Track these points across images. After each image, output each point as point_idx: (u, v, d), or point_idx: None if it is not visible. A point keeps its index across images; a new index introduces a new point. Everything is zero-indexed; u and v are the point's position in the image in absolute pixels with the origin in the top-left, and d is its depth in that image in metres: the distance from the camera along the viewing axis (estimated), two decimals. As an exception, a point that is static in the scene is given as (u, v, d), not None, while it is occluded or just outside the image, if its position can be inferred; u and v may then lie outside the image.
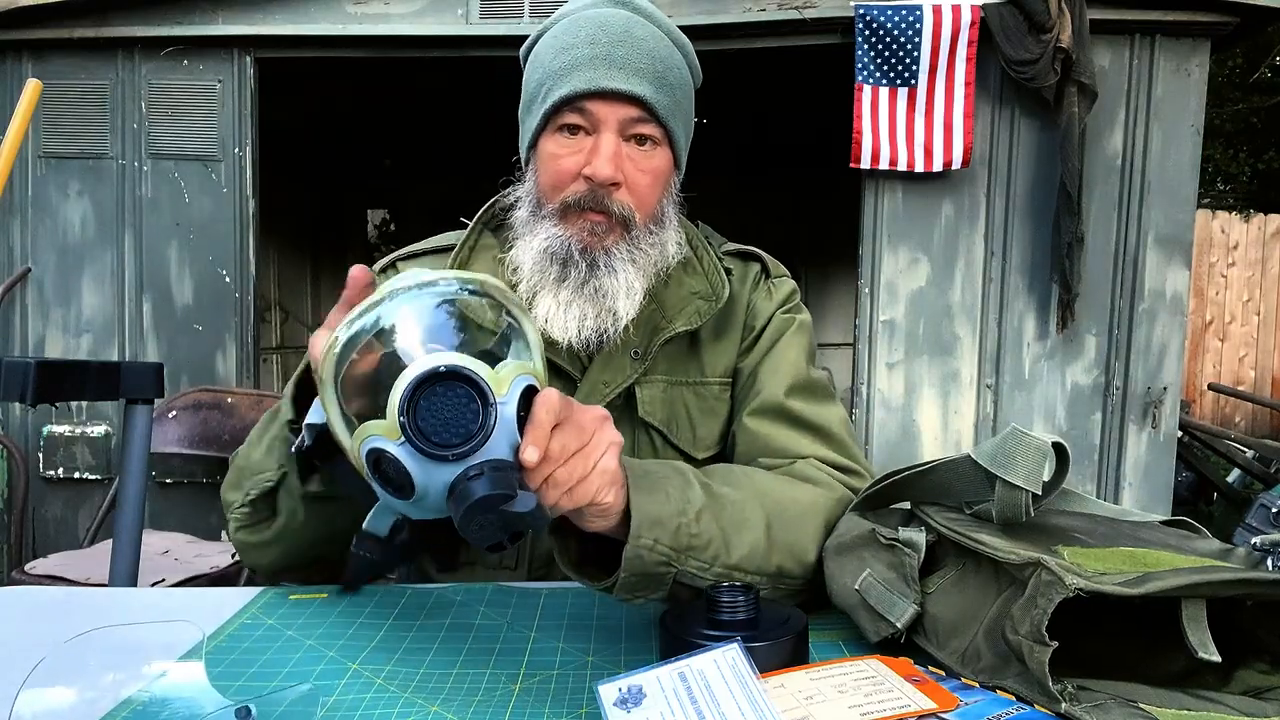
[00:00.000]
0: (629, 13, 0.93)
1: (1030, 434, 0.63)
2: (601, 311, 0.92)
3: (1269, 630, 0.61)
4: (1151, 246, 3.39)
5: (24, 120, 1.57)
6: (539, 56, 0.95)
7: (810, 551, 0.80)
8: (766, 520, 0.78)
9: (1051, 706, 0.54)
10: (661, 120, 0.92)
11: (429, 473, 0.57)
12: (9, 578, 2.43)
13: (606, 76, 0.88)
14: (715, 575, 0.73)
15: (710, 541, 0.74)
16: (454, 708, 0.62)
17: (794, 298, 1.07)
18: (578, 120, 0.91)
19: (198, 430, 2.84)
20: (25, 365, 1.24)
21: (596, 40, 0.90)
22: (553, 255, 0.92)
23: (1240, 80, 9.80)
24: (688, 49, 0.98)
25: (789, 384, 0.98)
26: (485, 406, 0.57)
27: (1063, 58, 3.13)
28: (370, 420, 0.58)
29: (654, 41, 0.92)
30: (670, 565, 0.71)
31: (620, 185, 0.91)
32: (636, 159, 0.92)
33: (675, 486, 0.74)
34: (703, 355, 1.02)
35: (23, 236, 3.53)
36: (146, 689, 0.64)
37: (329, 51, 3.48)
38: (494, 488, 0.57)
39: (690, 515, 0.73)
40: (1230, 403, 6.84)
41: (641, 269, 0.93)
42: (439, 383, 0.56)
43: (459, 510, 0.57)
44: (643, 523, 0.69)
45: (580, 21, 0.92)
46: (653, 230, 0.95)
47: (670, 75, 0.93)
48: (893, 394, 3.51)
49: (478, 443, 0.57)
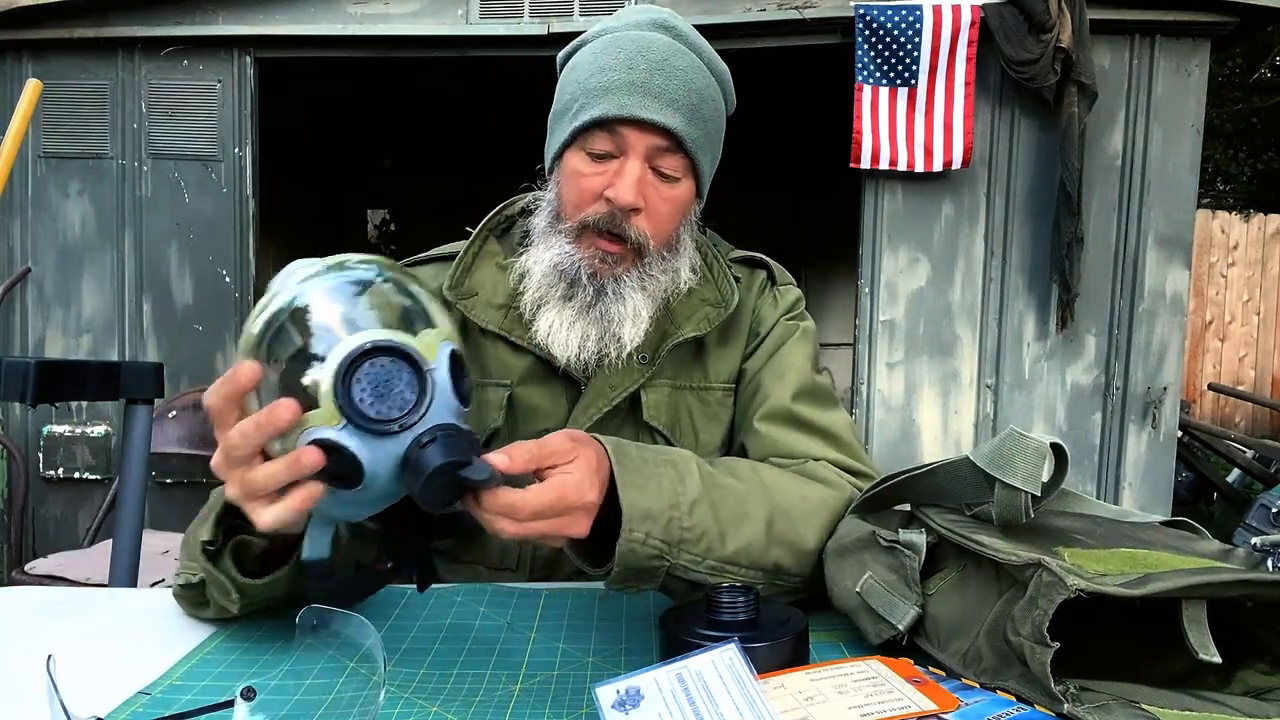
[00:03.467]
0: (670, 39, 0.93)
1: (1029, 435, 0.63)
2: (605, 335, 0.92)
3: (1269, 631, 0.61)
4: (1151, 246, 3.39)
5: (24, 120, 1.57)
6: (576, 69, 0.94)
7: (813, 550, 0.79)
8: (769, 515, 0.78)
9: (1053, 707, 0.54)
10: (690, 153, 0.91)
11: (376, 452, 0.56)
12: (9, 578, 2.43)
13: (640, 105, 0.88)
14: (709, 568, 0.73)
15: (704, 534, 0.73)
16: (454, 708, 0.62)
17: (799, 305, 1.07)
18: (606, 143, 0.90)
19: (198, 430, 2.84)
20: (25, 365, 1.24)
21: (635, 65, 0.89)
22: (562, 273, 0.92)
23: (1240, 80, 9.80)
24: (725, 77, 0.98)
25: (795, 389, 0.98)
26: (420, 374, 0.57)
27: (1063, 58, 3.13)
28: (305, 413, 0.57)
29: (692, 72, 0.92)
30: (663, 558, 0.71)
31: (640, 211, 0.91)
32: (660, 187, 0.92)
33: (669, 478, 0.74)
34: (708, 361, 1.02)
35: (23, 236, 3.54)
36: (147, 689, 0.64)
37: (329, 51, 3.48)
38: (449, 453, 0.56)
39: (684, 508, 0.73)
40: (1230, 403, 6.84)
41: (650, 295, 0.93)
42: (368, 359, 0.56)
43: (418, 482, 0.56)
44: (633, 516, 0.69)
45: (622, 42, 0.91)
46: (666, 257, 0.95)
47: (704, 108, 0.92)
48: (893, 394, 3.51)
49: (422, 410, 0.57)
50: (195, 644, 0.73)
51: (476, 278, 1.01)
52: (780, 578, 0.78)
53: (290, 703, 0.62)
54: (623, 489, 0.70)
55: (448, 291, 0.98)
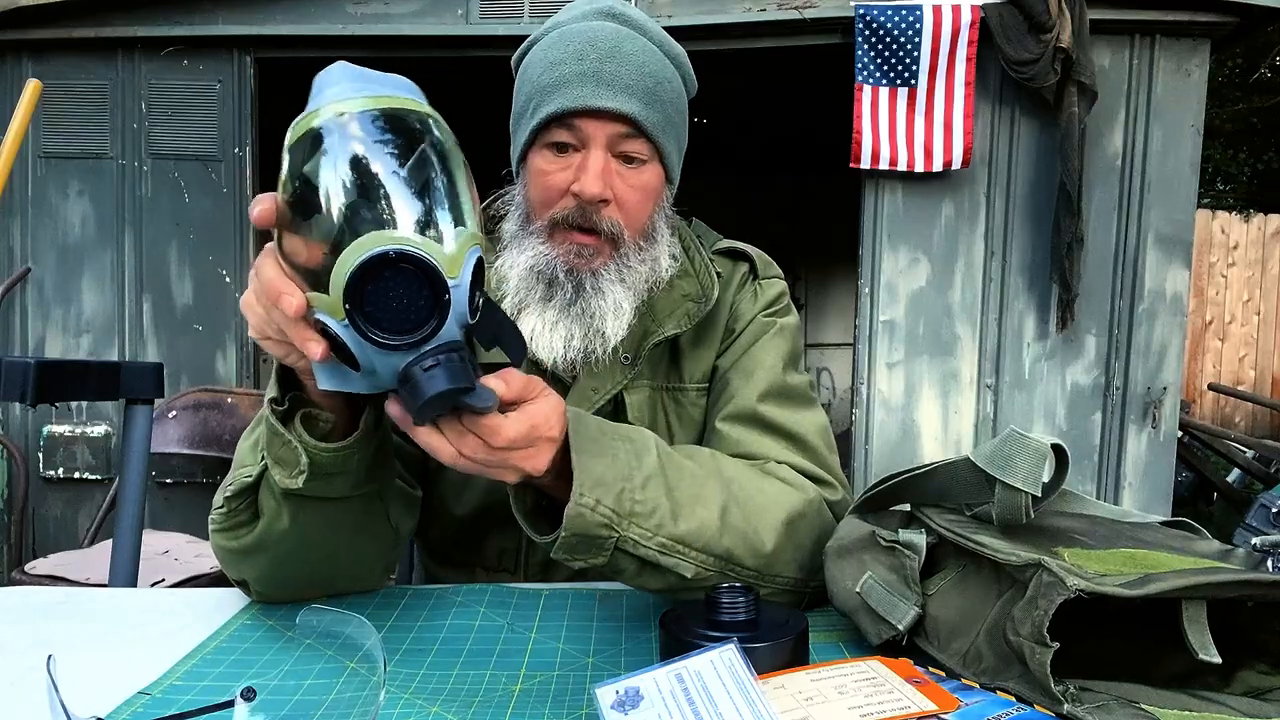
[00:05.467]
0: (618, 25, 0.92)
1: (1029, 436, 0.63)
2: (589, 332, 0.91)
3: (1269, 631, 0.61)
4: (1151, 246, 3.39)
5: (24, 120, 1.57)
6: (528, 69, 0.94)
7: (766, 543, 0.78)
8: (724, 501, 0.77)
9: (1053, 707, 0.54)
10: (651, 137, 0.91)
11: (377, 359, 0.54)
12: (9, 578, 2.43)
13: (594, 95, 0.87)
14: (659, 545, 0.72)
15: (656, 509, 0.72)
16: (454, 708, 0.62)
17: (781, 300, 1.04)
18: (566, 137, 0.90)
19: (198, 430, 2.84)
20: (25, 365, 1.24)
21: (585, 56, 0.88)
22: (539, 274, 0.91)
23: (1240, 80, 9.81)
24: (681, 59, 0.97)
25: (763, 389, 0.95)
26: (438, 295, 0.52)
27: (1063, 58, 3.13)
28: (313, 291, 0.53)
29: (644, 55, 0.91)
30: (612, 529, 0.70)
31: (609, 202, 0.90)
32: (626, 175, 0.91)
33: (625, 451, 0.73)
34: (683, 361, 1.01)
35: (23, 236, 3.54)
36: (148, 689, 0.64)
37: (329, 51, 3.47)
38: (452, 380, 0.53)
39: (636, 481, 0.72)
40: (1230, 403, 6.84)
41: (631, 287, 0.92)
42: (387, 268, 0.51)
43: (415, 402, 0.54)
44: (585, 482, 0.68)
45: (569, 35, 0.91)
46: (643, 246, 0.94)
47: (661, 90, 0.91)
48: (893, 394, 3.51)
49: (430, 331, 0.53)
50: (195, 644, 0.73)
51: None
52: (731, 567, 0.76)
53: (290, 703, 0.62)
54: (576, 454, 0.68)
55: None
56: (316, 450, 0.68)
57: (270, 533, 0.75)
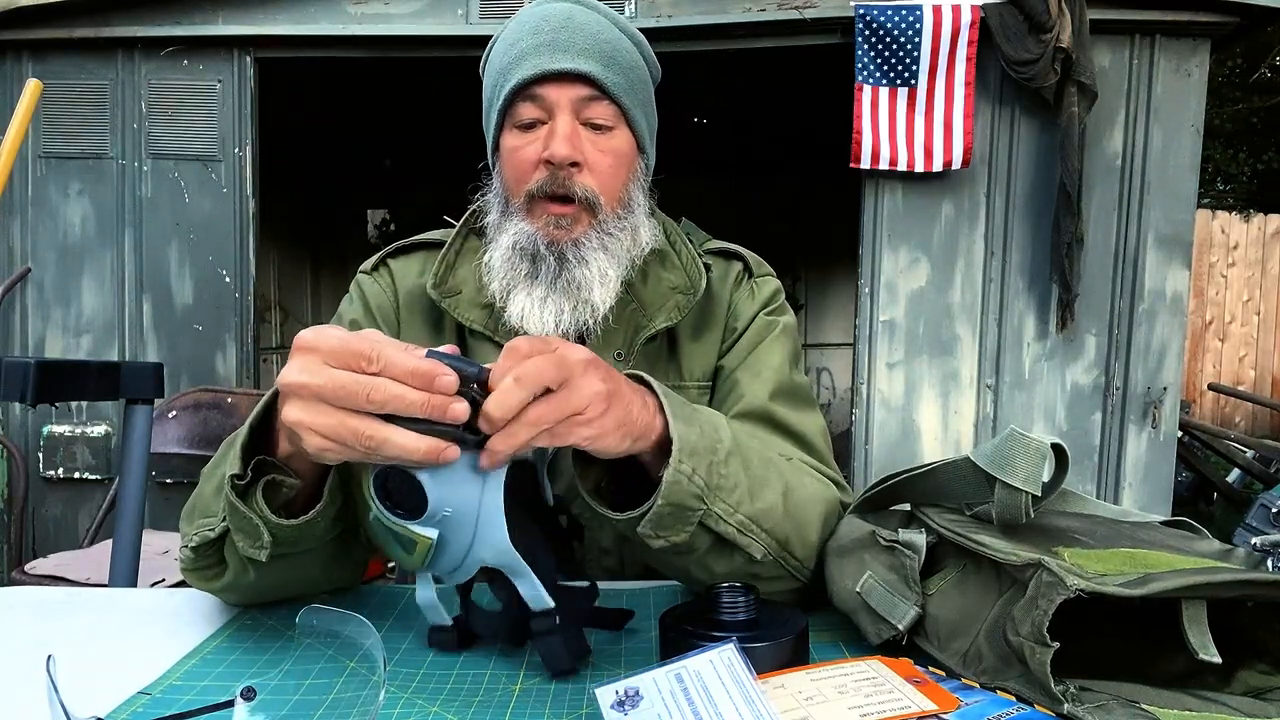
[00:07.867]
0: (571, 3, 0.94)
1: (1029, 435, 0.63)
2: (578, 304, 0.91)
3: (1269, 631, 0.61)
4: (1151, 246, 3.39)
5: (24, 120, 1.57)
6: (491, 61, 0.97)
7: (812, 535, 0.77)
8: (785, 486, 0.76)
9: (1054, 707, 0.54)
10: (614, 97, 0.92)
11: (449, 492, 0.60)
12: (9, 578, 2.43)
13: (551, 60, 0.89)
14: (738, 523, 0.70)
15: (737, 485, 0.70)
16: (454, 708, 0.62)
17: (777, 298, 1.04)
18: (532, 112, 0.91)
19: (198, 430, 2.84)
20: (25, 365, 1.24)
21: (540, 30, 0.91)
22: (521, 251, 0.92)
23: (1240, 80, 9.80)
24: (640, 40, 0.98)
25: (772, 388, 0.95)
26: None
27: (1063, 58, 3.13)
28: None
29: (598, 25, 0.93)
30: (702, 500, 0.67)
31: (581, 167, 0.91)
32: (595, 139, 0.92)
33: (707, 423, 0.71)
34: (681, 358, 1.00)
35: (23, 236, 3.54)
36: (148, 689, 0.64)
37: (329, 51, 3.48)
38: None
39: (720, 455, 0.70)
40: (1230, 403, 6.84)
41: (614, 255, 0.93)
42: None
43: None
44: (683, 449, 0.66)
45: (523, 18, 0.94)
46: (621, 215, 0.94)
47: (619, 56, 0.93)
48: (893, 394, 3.51)
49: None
50: (195, 644, 0.73)
51: (460, 274, 1.00)
52: (784, 555, 0.75)
53: (290, 703, 0.62)
54: (672, 418, 0.66)
55: (432, 290, 0.98)
56: (280, 527, 0.65)
57: (240, 580, 0.73)
